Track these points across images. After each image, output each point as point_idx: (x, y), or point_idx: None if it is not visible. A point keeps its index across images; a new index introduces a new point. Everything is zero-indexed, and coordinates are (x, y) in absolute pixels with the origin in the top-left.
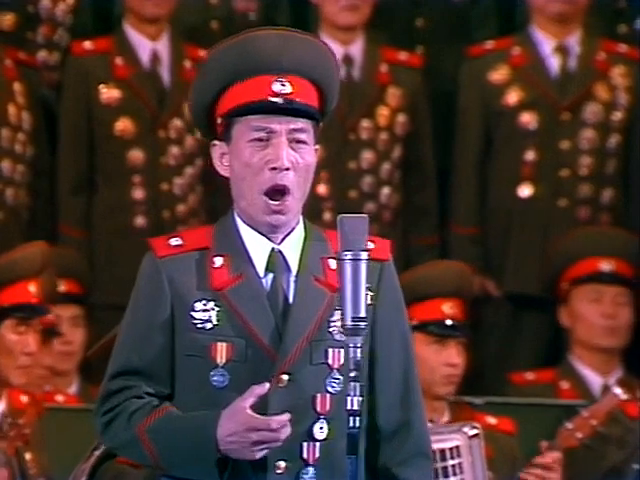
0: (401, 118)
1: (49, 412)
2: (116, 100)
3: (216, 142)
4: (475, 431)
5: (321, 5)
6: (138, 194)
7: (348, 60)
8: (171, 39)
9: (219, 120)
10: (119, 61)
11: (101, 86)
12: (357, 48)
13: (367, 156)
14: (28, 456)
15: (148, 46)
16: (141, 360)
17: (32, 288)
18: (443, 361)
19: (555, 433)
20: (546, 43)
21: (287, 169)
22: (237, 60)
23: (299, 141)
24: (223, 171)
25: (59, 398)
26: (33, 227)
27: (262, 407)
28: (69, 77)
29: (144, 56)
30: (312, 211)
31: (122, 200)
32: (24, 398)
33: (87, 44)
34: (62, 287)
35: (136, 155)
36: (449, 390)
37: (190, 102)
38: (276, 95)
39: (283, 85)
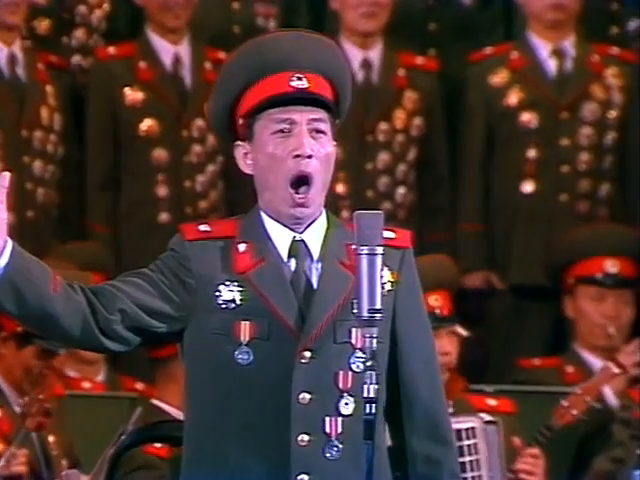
0: (417, 121)
1: (77, 399)
2: (140, 102)
3: (239, 143)
4: (491, 418)
5: (341, 11)
6: (162, 191)
7: (367, 64)
8: (191, 42)
9: (240, 121)
10: (142, 65)
11: (126, 89)
12: (376, 53)
13: (383, 157)
14: (51, 438)
15: (170, 50)
16: (119, 291)
17: None
18: (437, 349)
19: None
20: (542, 47)
21: (310, 156)
22: (256, 61)
23: (319, 131)
24: (247, 169)
25: (86, 385)
26: (63, 224)
27: (286, 382)
28: (95, 81)
29: (166, 59)
30: (330, 209)
31: (147, 197)
32: None
33: (111, 49)
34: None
35: (160, 154)
36: (443, 377)
37: (210, 107)
38: (294, 89)
39: (300, 80)
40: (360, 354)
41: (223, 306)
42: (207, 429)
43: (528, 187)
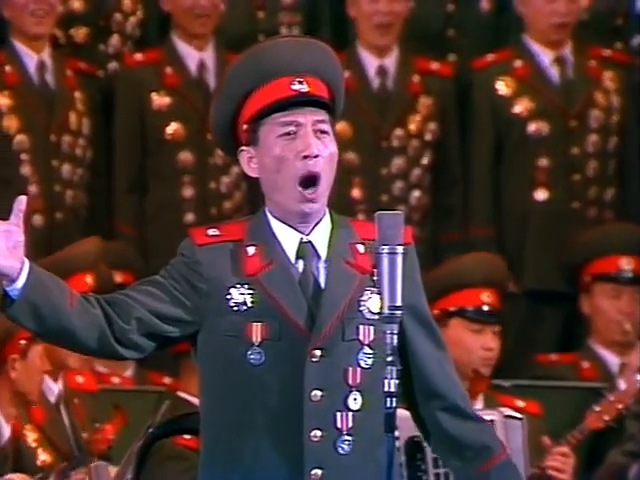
0: (432, 125)
1: (106, 393)
2: (167, 106)
3: (243, 148)
4: (513, 413)
5: (357, 20)
6: (188, 192)
7: (382, 71)
8: (216, 49)
9: (244, 127)
10: (169, 70)
11: (153, 94)
12: (391, 60)
13: (398, 162)
14: (84, 434)
15: (195, 56)
16: (133, 300)
17: (88, 279)
18: (480, 345)
19: (577, 413)
20: (543, 54)
21: (317, 156)
22: (256, 68)
23: (322, 131)
24: (253, 173)
25: (115, 380)
26: (91, 225)
27: (298, 381)
28: (123, 86)
29: (192, 65)
30: (346, 213)
31: (173, 198)
32: (79, 379)
33: (138, 56)
34: (118, 278)
35: (186, 156)
36: (485, 372)
37: (213, 115)
38: (296, 93)
39: (301, 84)
40: (368, 350)
41: (235, 308)
42: (220, 428)
43: (541, 195)
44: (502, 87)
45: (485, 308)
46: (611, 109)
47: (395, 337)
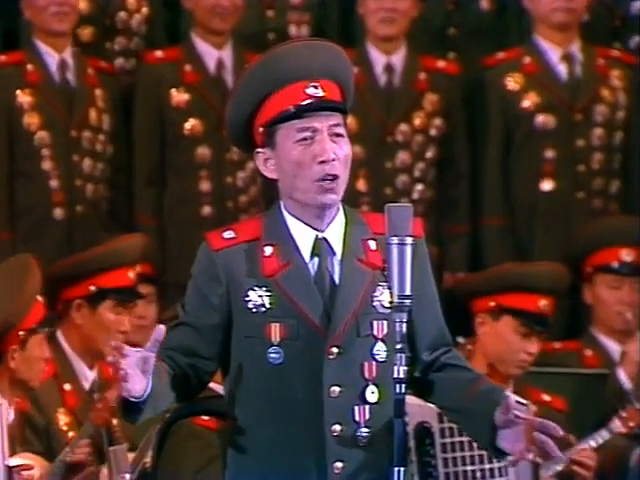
0: (437, 121)
1: None
2: (185, 103)
3: (259, 150)
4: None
5: (364, 16)
6: (205, 186)
7: (389, 68)
8: (234, 47)
9: (260, 129)
10: (188, 68)
11: (172, 90)
12: (399, 57)
13: (402, 156)
14: (115, 421)
15: (214, 54)
16: (191, 341)
17: (131, 274)
18: (524, 348)
19: (578, 398)
20: (551, 52)
21: (333, 160)
22: (271, 72)
23: (338, 134)
24: (270, 174)
25: None
26: (113, 218)
27: (316, 378)
28: (142, 83)
29: (210, 63)
30: (351, 205)
31: (190, 192)
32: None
33: (159, 53)
34: (137, 269)
35: (203, 152)
36: (519, 373)
37: (228, 117)
38: (311, 98)
39: (316, 88)
40: (381, 345)
41: (254, 310)
42: (243, 426)
43: (547, 186)
44: (511, 83)
45: (539, 315)
46: (617, 105)
47: (404, 325)
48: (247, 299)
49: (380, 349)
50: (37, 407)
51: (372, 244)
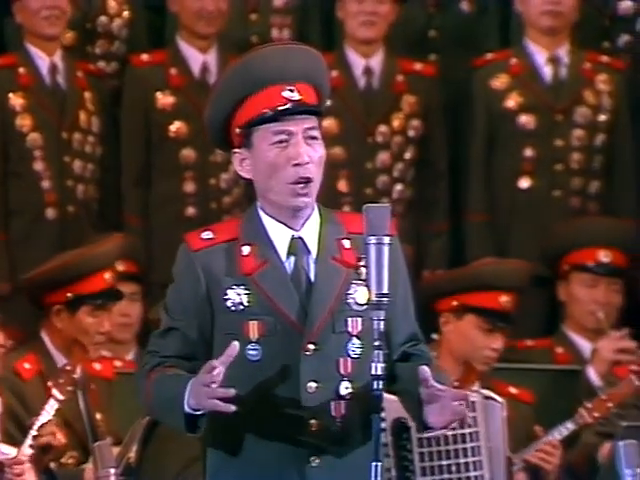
0: (415, 122)
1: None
2: (170, 105)
3: (236, 150)
4: (491, 394)
5: (344, 20)
6: (189, 187)
7: (368, 71)
8: (219, 51)
9: (237, 131)
10: (173, 71)
11: (157, 93)
12: (377, 60)
13: (382, 157)
14: (98, 416)
15: (199, 58)
16: (188, 346)
17: (107, 276)
18: (488, 344)
19: (549, 394)
20: (539, 54)
21: (307, 163)
22: (248, 75)
23: (312, 137)
24: (246, 174)
25: (117, 364)
26: (102, 218)
27: (294, 374)
28: (128, 85)
29: (195, 67)
30: (333, 205)
31: (175, 193)
32: (97, 366)
33: (144, 56)
34: (121, 267)
35: (188, 153)
36: (484, 369)
37: (207, 119)
38: (288, 101)
39: (292, 92)
40: (356, 341)
41: (233, 308)
42: (223, 422)
43: (525, 183)
44: (496, 83)
45: (501, 311)
46: (600, 108)
47: (382, 323)
48: (226, 298)
49: (355, 345)
50: (22, 403)
51: (346, 243)
